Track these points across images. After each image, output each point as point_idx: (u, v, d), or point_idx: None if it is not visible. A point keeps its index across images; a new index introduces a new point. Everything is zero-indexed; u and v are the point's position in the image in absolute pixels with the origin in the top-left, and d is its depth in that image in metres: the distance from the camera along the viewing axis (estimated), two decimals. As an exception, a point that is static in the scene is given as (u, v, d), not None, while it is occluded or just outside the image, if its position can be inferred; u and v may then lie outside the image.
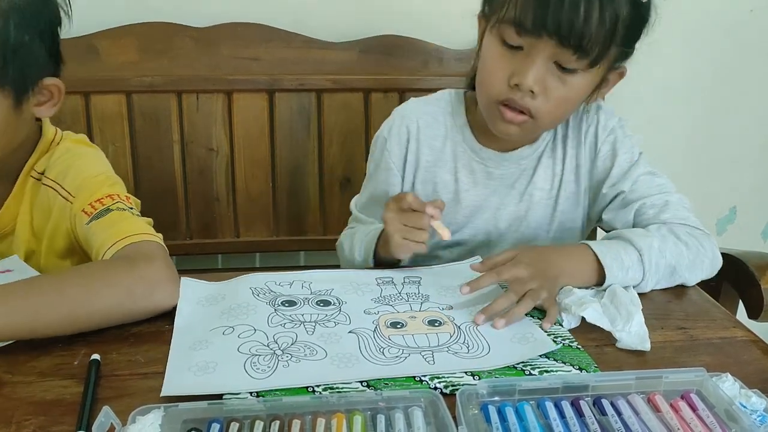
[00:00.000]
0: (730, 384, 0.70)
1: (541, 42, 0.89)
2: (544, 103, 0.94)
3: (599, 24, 0.87)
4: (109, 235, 0.88)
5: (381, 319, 0.85)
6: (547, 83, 0.93)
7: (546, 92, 0.94)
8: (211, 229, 1.56)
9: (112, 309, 0.80)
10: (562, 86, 0.94)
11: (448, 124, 1.10)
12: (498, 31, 0.93)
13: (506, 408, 0.66)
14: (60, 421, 0.65)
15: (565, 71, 0.92)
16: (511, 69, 0.93)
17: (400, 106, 1.16)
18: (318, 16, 1.55)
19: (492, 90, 0.97)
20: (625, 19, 0.90)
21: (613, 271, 0.91)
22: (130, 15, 1.45)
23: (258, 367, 0.73)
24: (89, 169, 0.97)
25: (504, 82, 0.94)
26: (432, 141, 1.10)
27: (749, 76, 1.81)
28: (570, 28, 0.87)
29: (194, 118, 1.49)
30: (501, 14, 0.92)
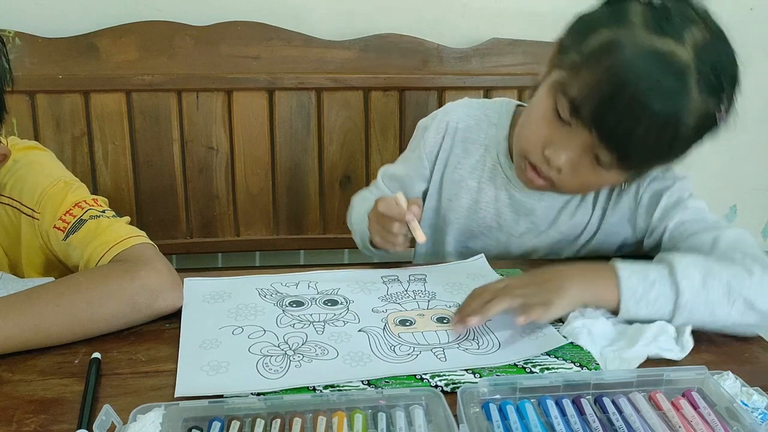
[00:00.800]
0: (731, 382, 0.70)
1: (588, 133, 0.86)
2: (569, 180, 0.92)
3: (654, 146, 0.84)
4: (95, 247, 0.86)
5: (389, 317, 0.85)
6: (578, 166, 0.90)
7: (574, 172, 0.91)
8: (211, 227, 1.56)
9: (114, 319, 0.79)
10: (592, 173, 0.91)
11: (490, 134, 1.07)
12: (555, 94, 0.88)
13: (507, 406, 0.65)
14: (61, 420, 0.65)
15: (600, 164, 0.89)
16: (550, 138, 0.90)
17: (452, 102, 1.14)
18: (318, 14, 1.55)
19: (525, 147, 0.95)
20: (684, 139, 0.86)
21: (631, 281, 0.81)
22: (131, 14, 1.45)
23: (270, 368, 0.73)
24: (44, 179, 0.92)
25: (539, 146, 0.91)
26: (468, 144, 1.08)
27: (749, 74, 1.81)
28: (621, 140, 0.83)
29: (194, 116, 1.49)
30: (566, 81, 0.87)
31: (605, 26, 0.86)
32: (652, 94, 0.80)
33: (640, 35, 0.82)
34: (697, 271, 0.81)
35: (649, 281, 0.81)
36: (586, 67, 0.85)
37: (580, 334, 0.79)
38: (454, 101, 1.14)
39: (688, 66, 0.81)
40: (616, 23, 0.85)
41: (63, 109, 1.43)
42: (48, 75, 1.40)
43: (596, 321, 0.80)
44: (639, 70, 0.81)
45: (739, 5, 1.76)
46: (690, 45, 0.82)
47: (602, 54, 0.84)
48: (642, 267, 0.83)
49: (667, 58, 0.81)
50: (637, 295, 0.81)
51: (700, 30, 0.84)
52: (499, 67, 1.60)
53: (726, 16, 1.82)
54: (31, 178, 0.92)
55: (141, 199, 1.51)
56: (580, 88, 0.84)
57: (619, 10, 0.86)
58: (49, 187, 0.91)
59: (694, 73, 0.81)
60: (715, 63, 0.83)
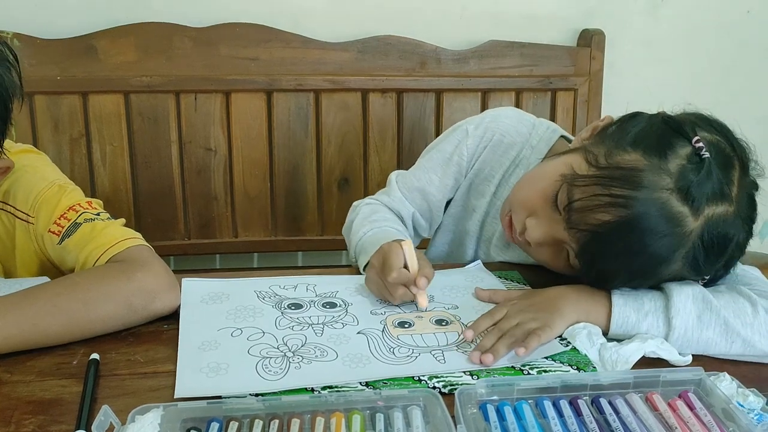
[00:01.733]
0: (727, 383, 0.71)
1: (569, 236, 0.84)
2: (534, 252, 0.92)
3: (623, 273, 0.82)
4: (90, 250, 0.86)
5: (388, 319, 0.86)
6: (549, 248, 0.89)
7: (542, 249, 0.90)
8: (209, 229, 1.56)
9: (111, 321, 0.79)
10: (556, 259, 0.90)
11: (525, 154, 1.05)
12: (562, 182, 0.85)
13: (505, 407, 0.66)
14: (59, 421, 0.65)
15: (567, 262, 0.88)
16: (538, 213, 0.88)
17: (497, 110, 1.11)
18: (316, 16, 1.55)
19: (513, 203, 0.94)
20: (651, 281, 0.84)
21: (624, 310, 0.81)
22: (129, 15, 1.45)
23: (270, 369, 0.74)
24: (38, 182, 0.92)
25: (525, 211, 0.90)
26: (501, 158, 1.06)
27: (747, 76, 1.82)
28: (595, 260, 0.82)
29: (192, 118, 1.49)
30: (576, 173, 0.83)
31: (644, 149, 0.80)
32: (643, 243, 0.78)
33: (664, 186, 0.78)
34: (695, 307, 0.80)
35: (643, 312, 0.81)
36: (600, 180, 0.80)
37: (580, 334, 0.80)
38: (498, 111, 1.10)
39: (688, 239, 0.78)
40: (654, 154, 0.80)
41: (61, 110, 1.43)
42: (46, 76, 1.40)
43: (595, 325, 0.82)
44: (640, 220, 0.77)
45: (737, 8, 1.77)
46: (703, 218, 0.78)
47: (619, 179, 0.79)
48: (638, 295, 0.83)
49: (673, 223, 0.77)
50: (629, 324, 0.81)
51: (725, 205, 0.79)
52: (497, 69, 1.60)
53: (723, 18, 1.84)
54: (25, 183, 0.92)
55: (139, 200, 1.51)
56: (584, 197, 0.81)
57: (666, 142, 0.81)
58: (43, 191, 0.91)
59: (688, 247, 0.79)
60: (718, 241, 0.79)
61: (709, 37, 1.77)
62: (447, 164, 1.08)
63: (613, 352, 0.78)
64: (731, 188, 0.80)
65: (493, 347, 0.78)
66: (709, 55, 1.79)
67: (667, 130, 0.82)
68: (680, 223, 0.78)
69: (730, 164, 0.81)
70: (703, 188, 0.78)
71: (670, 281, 0.84)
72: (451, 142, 1.08)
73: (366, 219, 1.04)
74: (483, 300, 0.91)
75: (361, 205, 1.09)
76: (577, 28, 1.68)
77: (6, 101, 0.81)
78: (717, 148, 0.81)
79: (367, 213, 1.06)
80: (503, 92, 1.61)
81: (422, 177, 1.09)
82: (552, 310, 0.82)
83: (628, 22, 1.71)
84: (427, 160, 1.10)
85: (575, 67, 1.64)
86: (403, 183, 1.09)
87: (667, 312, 0.81)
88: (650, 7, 1.72)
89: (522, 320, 0.81)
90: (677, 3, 1.72)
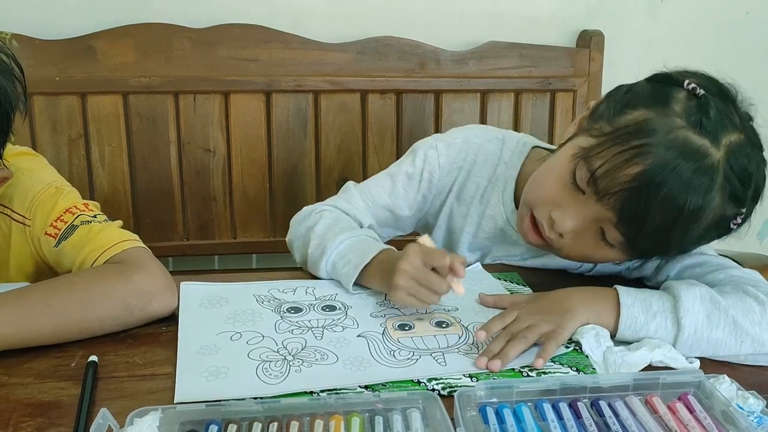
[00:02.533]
0: (727, 386, 0.71)
1: (602, 208, 0.83)
2: (568, 247, 0.90)
3: (664, 237, 0.81)
4: (88, 252, 0.85)
5: (388, 321, 0.85)
6: (582, 236, 0.88)
7: (576, 240, 0.88)
8: (208, 229, 1.56)
9: (107, 321, 0.79)
10: (594, 247, 0.88)
11: (500, 171, 1.04)
12: (577, 159, 0.85)
13: (504, 409, 0.66)
14: (57, 423, 0.65)
15: (605, 240, 0.86)
16: (561, 201, 0.87)
17: (466, 130, 1.09)
18: (315, 17, 1.55)
19: (533, 201, 0.92)
20: (693, 240, 0.84)
21: (632, 311, 0.80)
22: (128, 16, 1.45)
23: (270, 373, 0.73)
24: (35, 184, 0.92)
25: (547, 206, 0.89)
26: (477, 178, 1.05)
27: (746, 77, 1.81)
28: (634, 224, 0.81)
29: (191, 118, 1.49)
30: (590, 151, 0.84)
31: (644, 105, 0.83)
32: (677, 188, 0.78)
33: (677, 125, 0.80)
34: (703, 307, 0.80)
35: (652, 312, 0.81)
36: (614, 141, 0.82)
37: (588, 333, 0.80)
38: (467, 130, 1.09)
39: (717, 169, 0.79)
40: (654, 104, 0.82)
41: (60, 111, 1.42)
42: (45, 77, 1.40)
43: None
44: (668, 161, 0.78)
45: (736, 9, 1.77)
46: (724, 147, 0.80)
47: (634, 133, 0.81)
48: (645, 296, 0.83)
49: (699, 156, 0.79)
50: (637, 324, 0.81)
51: (737, 133, 0.81)
52: (496, 70, 1.60)
53: (723, 19, 1.84)
54: (22, 185, 0.92)
55: (138, 201, 1.51)
56: (605, 161, 0.81)
57: (661, 92, 0.84)
58: (40, 193, 0.91)
59: (721, 176, 0.80)
60: (743, 170, 0.81)
61: (708, 38, 1.77)
62: (417, 180, 1.05)
63: (618, 357, 0.77)
64: (734, 119, 0.82)
65: (503, 351, 0.77)
66: (708, 56, 1.79)
67: (656, 85, 0.86)
68: (706, 155, 0.79)
69: (724, 98, 0.84)
70: (713, 120, 0.80)
71: (717, 228, 0.84)
72: (420, 158, 1.05)
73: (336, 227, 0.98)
74: (488, 305, 0.89)
75: (316, 211, 1.03)
76: (576, 28, 1.68)
77: (8, 114, 0.81)
78: (707, 87, 0.84)
79: (333, 220, 1.00)
80: (502, 93, 1.60)
81: (389, 191, 1.06)
82: (563, 311, 0.81)
83: (628, 23, 1.71)
84: (394, 175, 1.07)
85: (574, 67, 1.64)
86: (368, 196, 1.06)
87: (675, 312, 0.80)
88: (649, 8, 1.72)
89: (533, 323, 0.80)
90: (676, 4, 1.73)
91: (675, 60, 1.84)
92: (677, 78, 0.85)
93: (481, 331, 0.80)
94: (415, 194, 1.07)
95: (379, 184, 1.07)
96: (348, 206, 1.05)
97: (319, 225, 0.98)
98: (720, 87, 0.86)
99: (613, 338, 0.81)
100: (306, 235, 1.00)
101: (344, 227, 0.98)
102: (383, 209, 1.06)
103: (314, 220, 1.00)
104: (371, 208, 1.06)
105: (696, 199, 0.79)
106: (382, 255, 0.90)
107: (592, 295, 0.84)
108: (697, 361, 0.79)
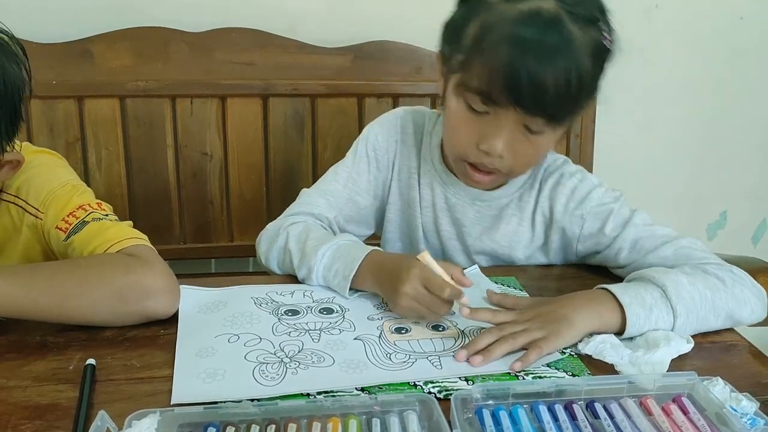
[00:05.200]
0: (720, 388, 0.71)
1: (509, 111, 0.87)
2: (512, 162, 0.93)
3: (566, 92, 0.85)
4: (96, 245, 0.86)
5: (385, 324, 0.86)
6: (515, 146, 0.91)
7: (515, 153, 0.92)
8: (205, 233, 1.56)
9: (101, 307, 0.80)
10: (530, 146, 0.92)
11: (425, 140, 1.09)
12: (463, 95, 0.90)
13: (500, 412, 0.66)
14: (56, 426, 0.66)
15: (533, 133, 0.90)
16: (479, 133, 0.91)
17: (392, 111, 1.15)
18: (312, 21, 1.55)
19: (460, 151, 0.95)
20: (590, 76, 0.88)
21: (633, 308, 0.83)
22: (125, 19, 1.45)
23: (267, 375, 0.74)
24: (53, 180, 0.94)
25: (473, 145, 0.92)
26: (413, 149, 1.09)
27: (740, 82, 1.83)
28: (539, 101, 0.85)
29: (188, 122, 1.49)
30: (465, 79, 0.89)
31: (470, 19, 0.90)
32: (543, 53, 0.83)
33: (503, 9, 0.86)
34: (686, 291, 0.85)
35: (647, 306, 0.84)
36: (474, 58, 0.87)
37: (605, 350, 0.80)
38: (393, 111, 1.15)
39: (558, 13, 0.84)
40: (478, 11, 0.89)
41: (57, 114, 1.42)
42: (42, 80, 1.39)
43: (609, 335, 0.83)
44: (520, 39, 0.83)
45: (729, 14, 1.78)
46: None
47: (482, 41, 0.86)
48: (635, 291, 0.85)
49: (537, 17, 0.84)
50: (640, 321, 0.83)
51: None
52: (492, 75, 1.61)
53: (716, 24, 1.85)
54: (39, 180, 0.94)
55: (135, 204, 1.50)
56: (480, 77, 0.86)
57: (474, 1, 0.90)
58: (56, 189, 0.93)
59: (566, 17, 0.84)
60: (588, 10, 0.87)
61: (702, 43, 1.78)
62: (365, 162, 1.10)
63: (644, 361, 0.78)
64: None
65: (488, 348, 0.78)
66: (702, 61, 1.80)
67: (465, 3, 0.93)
68: (540, 11, 0.84)
69: None
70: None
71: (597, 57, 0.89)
72: (362, 142, 1.11)
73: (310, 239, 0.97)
74: (492, 303, 0.90)
75: (283, 227, 1.01)
76: (571, 33, 1.68)
77: (14, 97, 0.82)
78: None
79: (302, 234, 0.99)
80: (498, 97, 1.61)
81: (344, 182, 1.09)
82: (560, 318, 0.82)
83: (622, 28, 1.72)
84: (344, 165, 1.10)
85: (570, 72, 1.64)
86: (325, 192, 1.08)
87: (668, 301, 0.84)
88: (644, 12, 1.73)
89: (527, 327, 0.81)
90: (671, 9, 1.74)
91: (668, 64, 1.85)
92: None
93: (461, 351, 0.79)
94: (367, 176, 1.10)
95: (332, 178, 1.10)
96: (310, 208, 1.06)
97: (291, 241, 0.98)
98: None
99: (618, 336, 0.83)
100: (282, 255, 1.00)
101: (318, 237, 0.97)
102: (344, 201, 1.08)
103: (284, 237, 0.99)
104: (332, 202, 1.07)
105: (563, 50, 0.83)
106: (368, 258, 0.91)
107: (594, 301, 0.85)
108: (691, 340, 0.83)
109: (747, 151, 1.93)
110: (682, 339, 0.82)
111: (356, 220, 1.11)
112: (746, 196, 1.98)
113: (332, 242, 0.95)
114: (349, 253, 0.92)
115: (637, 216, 0.99)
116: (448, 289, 0.82)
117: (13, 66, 0.81)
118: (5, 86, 0.80)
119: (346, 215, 1.09)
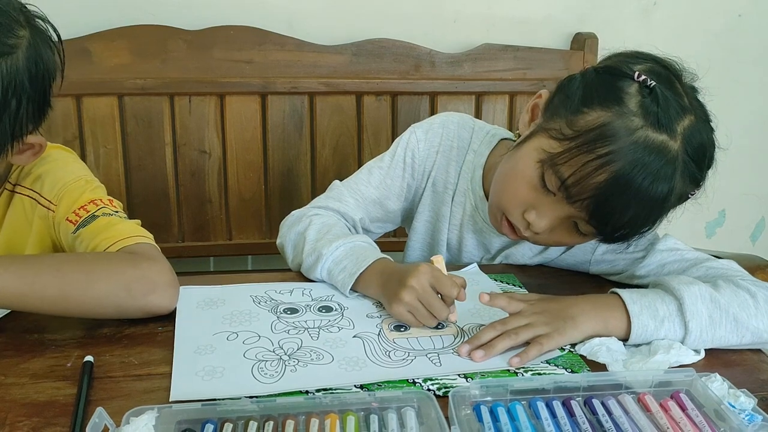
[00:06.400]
0: (718, 384, 0.71)
1: (574, 209, 0.86)
2: (545, 240, 0.94)
3: (636, 224, 0.85)
4: (101, 240, 0.87)
5: (384, 322, 0.86)
6: (557, 230, 0.91)
7: (552, 234, 0.92)
8: (204, 231, 1.56)
9: (107, 300, 0.81)
10: (569, 238, 0.92)
11: (468, 158, 1.07)
12: (542, 164, 0.87)
13: (498, 408, 0.66)
14: (53, 423, 0.65)
15: (579, 233, 0.90)
16: (532, 204, 0.90)
17: (443, 115, 1.11)
18: (311, 19, 1.55)
19: (505, 206, 0.94)
20: (659, 219, 0.88)
21: (642, 319, 0.81)
22: (123, 17, 1.45)
23: (266, 372, 0.74)
24: (67, 175, 0.95)
25: (519, 208, 0.91)
26: (453, 163, 1.08)
27: (738, 80, 1.83)
28: (607, 220, 0.85)
29: (187, 120, 1.49)
30: (557, 158, 0.85)
31: (599, 104, 0.85)
32: (644, 184, 0.82)
33: (636, 126, 0.82)
34: (705, 307, 0.82)
35: (659, 318, 0.82)
36: (579, 149, 0.84)
37: (600, 352, 0.80)
38: (449, 114, 1.12)
39: (677, 158, 0.83)
40: (610, 104, 0.84)
41: (55, 112, 1.40)
42: (40, 78, 1.40)
43: (610, 338, 0.82)
44: (634, 163, 0.81)
45: (728, 12, 1.78)
46: (680, 136, 0.83)
47: (597, 140, 0.83)
48: (650, 300, 0.83)
49: (661, 152, 0.82)
50: (648, 332, 0.82)
51: (689, 117, 0.85)
52: (490, 73, 1.61)
53: (715, 22, 1.85)
54: (55, 173, 0.95)
55: (133, 202, 1.51)
56: (573, 170, 0.84)
57: (613, 88, 0.85)
58: (69, 183, 0.94)
59: (681, 164, 0.84)
60: (698, 149, 0.85)
61: (700, 41, 1.78)
62: (401, 168, 1.08)
63: (641, 367, 0.78)
64: (683, 101, 0.86)
65: (490, 343, 0.79)
66: (700, 59, 1.80)
67: (607, 78, 0.87)
68: (666, 150, 0.82)
69: (671, 81, 0.87)
70: (667, 112, 0.83)
71: (677, 203, 0.88)
72: (401, 146, 1.08)
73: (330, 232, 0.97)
74: (496, 305, 0.85)
75: (307, 215, 1.02)
76: (570, 31, 1.68)
77: (45, 80, 0.82)
78: (654, 73, 0.86)
79: (324, 225, 0.99)
80: (497, 95, 1.61)
81: (376, 184, 1.08)
82: (566, 318, 0.82)
83: (621, 26, 1.72)
84: (379, 167, 1.09)
85: (568, 70, 1.64)
86: (356, 192, 1.07)
87: (682, 316, 0.82)
88: (642, 11, 1.73)
89: (532, 322, 0.81)
90: (669, 7, 1.74)
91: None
92: (626, 70, 0.86)
93: (464, 346, 0.79)
94: (401, 182, 1.08)
95: (365, 178, 1.08)
96: (339, 205, 1.05)
97: (311, 230, 0.98)
98: (666, 68, 0.89)
99: (623, 342, 0.82)
100: (298, 239, 0.99)
101: (338, 233, 0.98)
102: (372, 203, 1.08)
103: (305, 224, 1.00)
104: (361, 203, 1.07)
105: (662, 188, 0.83)
106: (378, 264, 0.90)
107: (600, 306, 0.84)
108: (702, 352, 0.81)
109: (746, 150, 1.92)
110: (688, 350, 0.81)
111: (382, 220, 1.11)
112: (744, 196, 1.98)
113: (349, 240, 0.95)
114: (362, 253, 0.92)
115: (665, 242, 0.97)
116: (456, 289, 0.83)
117: (46, 49, 0.82)
118: (36, 67, 0.80)
119: (373, 216, 1.09)
